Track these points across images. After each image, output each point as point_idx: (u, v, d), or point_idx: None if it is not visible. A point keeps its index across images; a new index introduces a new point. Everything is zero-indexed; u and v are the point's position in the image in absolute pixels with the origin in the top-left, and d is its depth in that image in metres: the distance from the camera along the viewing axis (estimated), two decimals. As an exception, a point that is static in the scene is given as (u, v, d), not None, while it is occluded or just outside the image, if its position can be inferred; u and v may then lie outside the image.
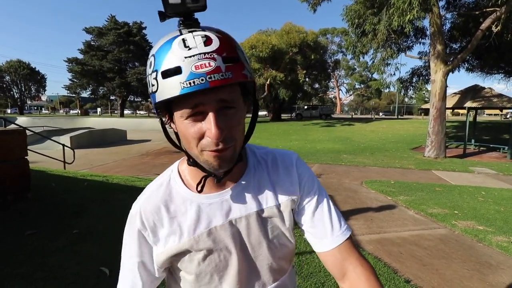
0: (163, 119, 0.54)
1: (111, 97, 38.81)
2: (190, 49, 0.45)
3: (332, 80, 43.41)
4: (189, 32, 0.47)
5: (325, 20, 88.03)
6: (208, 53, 0.45)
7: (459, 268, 2.62)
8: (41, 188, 3.98)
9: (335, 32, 34.51)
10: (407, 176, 6.62)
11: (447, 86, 9.17)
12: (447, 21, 10.88)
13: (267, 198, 0.61)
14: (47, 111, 55.01)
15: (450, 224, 3.65)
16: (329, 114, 31.11)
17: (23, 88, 47.20)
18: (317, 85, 32.79)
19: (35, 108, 63.71)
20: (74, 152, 7.35)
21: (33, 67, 47.52)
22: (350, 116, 37.43)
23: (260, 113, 32.39)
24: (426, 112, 11.95)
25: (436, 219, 3.85)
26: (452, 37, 11.03)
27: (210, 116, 0.47)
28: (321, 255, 0.62)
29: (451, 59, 9.46)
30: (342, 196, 4.91)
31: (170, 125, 0.54)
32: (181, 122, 0.49)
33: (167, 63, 0.45)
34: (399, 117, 33.10)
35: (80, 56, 33.18)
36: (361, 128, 19.21)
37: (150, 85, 0.48)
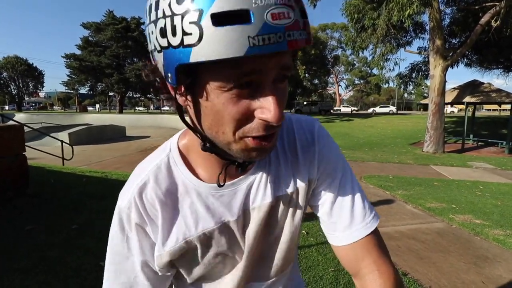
0: (177, 91, 0.37)
1: (110, 93, 38.58)
2: None
3: (332, 75, 43.32)
4: None
5: (324, 15, 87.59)
6: None
7: (456, 261, 2.65)
8: (40, 184, 3.98)
9: (334, 28, 34.42)
10: (405, 171, 6.64)
11: (446, 81, 9.18)
12: (446, 16, 10.86)
13: (284, 184, 0.50)
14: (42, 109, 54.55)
15: (448, 218, 3.68)
16: (328, 109, 31.06)
17: (20, 85, 46.94)
18: (316, 81, 32.78)
19: (33, 104, 63.45)
20: (72, 148, 7.34)
21: (31, 63, 47.25)
22: (350, 112, 37.43)
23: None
24: (425, 107, 11.97)
25: (434, 213, 3.88)
26: (451, 32, 11.00)
27: (268, 90, 0.34)
28: (333, 248, 0.53)
29: (450, 54, 9.44)
30: (341, 191, 4.93)
31: (183, 97, 0.38)
32: (218, 94, 0.34)
33: (224, 2, 0.29)
34: (398, 112, 33.04)
35: (78, 52, 32.98)
36: (360, 124, 19.22)
37: (180, 33, 0.30)
